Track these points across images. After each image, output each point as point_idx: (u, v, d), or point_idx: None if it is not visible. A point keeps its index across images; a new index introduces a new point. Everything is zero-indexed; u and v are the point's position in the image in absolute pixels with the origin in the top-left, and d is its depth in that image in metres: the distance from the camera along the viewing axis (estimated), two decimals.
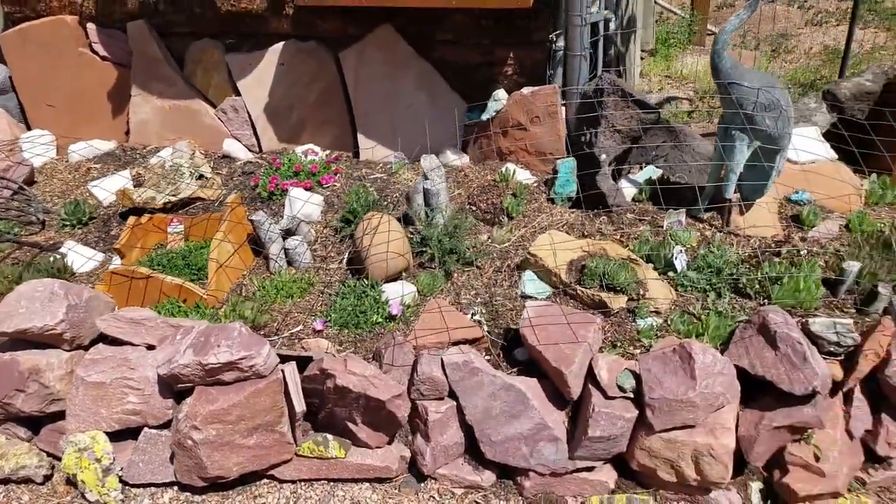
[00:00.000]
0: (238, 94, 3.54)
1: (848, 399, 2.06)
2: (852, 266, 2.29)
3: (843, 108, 3.04)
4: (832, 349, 2.08)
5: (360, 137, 3.40)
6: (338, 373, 1.98)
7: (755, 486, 2.07)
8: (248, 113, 3.56)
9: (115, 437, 2.21)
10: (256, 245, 2.73)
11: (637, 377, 1.98)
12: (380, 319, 2.36)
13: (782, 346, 1.94)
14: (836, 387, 2.06)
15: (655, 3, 6.29)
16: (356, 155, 3.45)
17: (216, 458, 1.99)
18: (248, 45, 3.46)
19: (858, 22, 6.15)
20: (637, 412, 1.96)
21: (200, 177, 3.23)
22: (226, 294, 2.55)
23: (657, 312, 2.30)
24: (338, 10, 3.16)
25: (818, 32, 6.11)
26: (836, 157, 2.95)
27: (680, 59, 5.63)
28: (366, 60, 3.26)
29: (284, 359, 2.12)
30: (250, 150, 3.61)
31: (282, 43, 3.36)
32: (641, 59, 5.41)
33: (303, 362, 2.11)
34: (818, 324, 2.08)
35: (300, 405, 2.05)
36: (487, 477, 2.13)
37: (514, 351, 2.24)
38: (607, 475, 2.08)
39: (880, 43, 5.57)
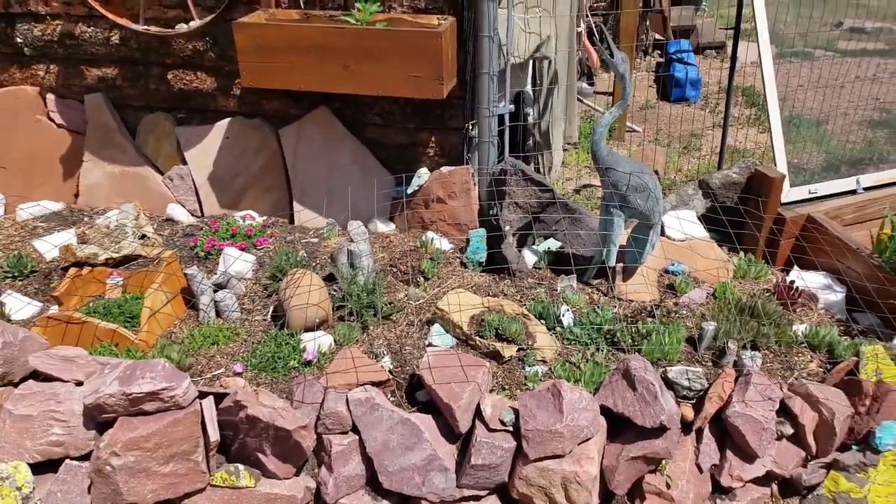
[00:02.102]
0: (185, 163, 3.85)
1: (698, 437, 2.38)
2: (709, 326, 2.66)
3: (715, 195, 3.51)
4: (686, 393, 2.41)
5: (296, 205, 3.72)
6: (250, 404, 2.21)
7: None
8: (194, 180, 3.86)
9: (39, 469, 2.34)
10: (189, 297, 2.97)
11: (517, 413, 2.26)
12: (296, 364, 2.60)
13: (639, 388, 2.26)
14: (688, 425, 2.38)
15: (580, 101, 6.96)
16: (292, 220, 3.76)
17: (133, 483, 2.16)
18: (197, 119, 3.80)
19: (758, 125, 6.90)
20: (515, 443, 2.24)
21: (143, 236, 3.48)
22: (157, 339, 2.77)
23: (544, 361, 2.61)
24: (280, 92, 3.55)
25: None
26: (710, 236, 3.40)
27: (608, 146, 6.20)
28: (304, 137, 3.63)
29: (204, 395, 2.33)
30: (193, 215, 3.88)
31: (228, 119, 3.72)
32: (565, 150, 5.96)
33: (220, 398, 2.33)
34: (674, 371, 2.43)
35: (215, 434, 2.25)
36: None
37: (416, 393, 2.51)
38: None
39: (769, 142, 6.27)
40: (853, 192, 3.65)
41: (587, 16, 8.52)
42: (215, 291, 2.95)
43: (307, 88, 3.19)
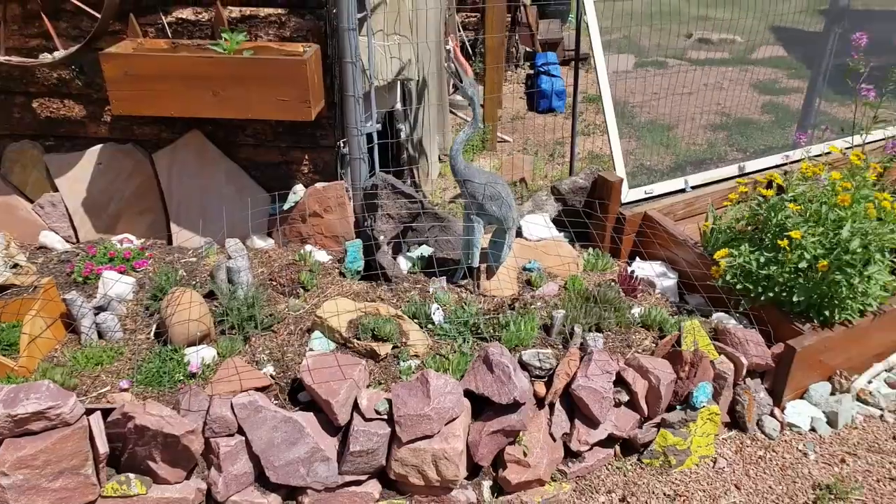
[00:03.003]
0: (56, 189, 3.84)
1: (551, 410, 2.74)
2: (559, 313, 3.04)
3: (565, 200, 3.95)
4: (538, 373, 2.76)
5: (174, 226, 3.81)
6: (137, 414, 2.33)
7: (486, 484, 2.65)
8: (66, 207, 3.85)
9: None
10: (69, 321, 3.02)
11: (390, 402, 2.52)
12: (181, 377, 2.74)
13: (496, 370, 2.59)
14: (541, 401, 2.73)
15: (454, 114, 7.36)
16: (170, 241, 3.84)
17: (23, 501, 2.23)
18: (67, 146, 3.81)
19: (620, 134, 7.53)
20: (390, 429, 2.49)
21: (15, 265, 3.46)
22: (38, 364, 2.81)
23: (416, 356, 2.89)
24: (152, 118, 3.64)
25: (587, 141, 7.40)
26: (562, 235, 3.83)
27: (477, 160, 6.62)
28: (178, 160, 3.73)
29: (91, 411, 2.43)
30: (68, 241, 3.88)
31: (100, 145, 3.75)
32: (441, 161, 6.31)
33: (108, 413, 2.43)
34: (527, 354, 2.78)
35: (104, 447, 2.35)
36: (273, 499, 2.53)
37: (298, 395, 2.71)
38: (373, 487, 2.56)
39: (631, 149, 6.92)
40: (683, 190, 4.19)
41: (459, 31, 8.97)
42: (96, 314, 3.01)
43: (178, 114, 3.31)
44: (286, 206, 3.71)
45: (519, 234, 3.78)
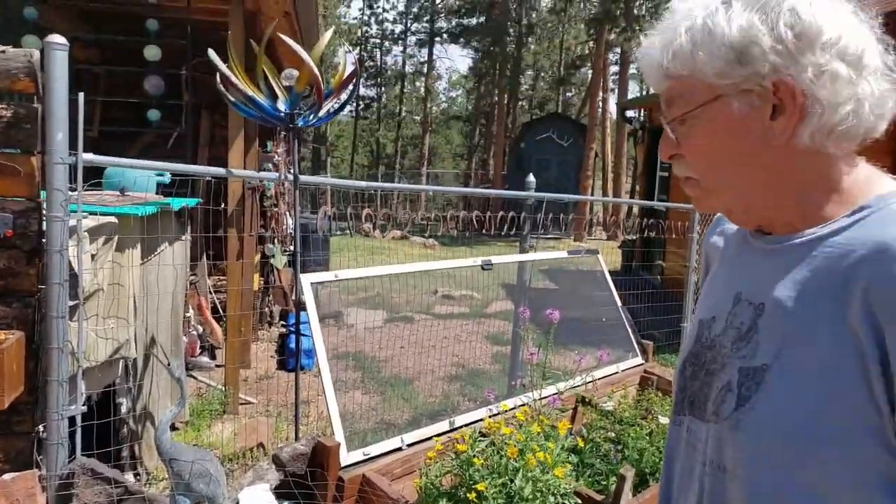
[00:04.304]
0: None
1: None
2: None
3: (286, 468, 4.06)
4: None
5: None
6: None
7: None
8: None
9: None
10: None
11: None
12: None
13: None
14: None
15: (194, 378, 7.30)
16: None
17: None
18: None
19: (362, 387, 7.94)
20: None
21: None
22: None
23: None
24: None
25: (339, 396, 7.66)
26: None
27: (216, 425, 6.50)
28: None
29: None
30: None
31: None
32: (175, 430, 6.11)
33: None
34: None
35: None
36: None
37: None
38: None
39: (374, 404, 7.31)
40: (400, 448, 4.53)
41: (211, 293, 9.21)
42: None
43: None
44: None
45: None
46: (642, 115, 16.79)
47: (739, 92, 1.09)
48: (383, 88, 45.42)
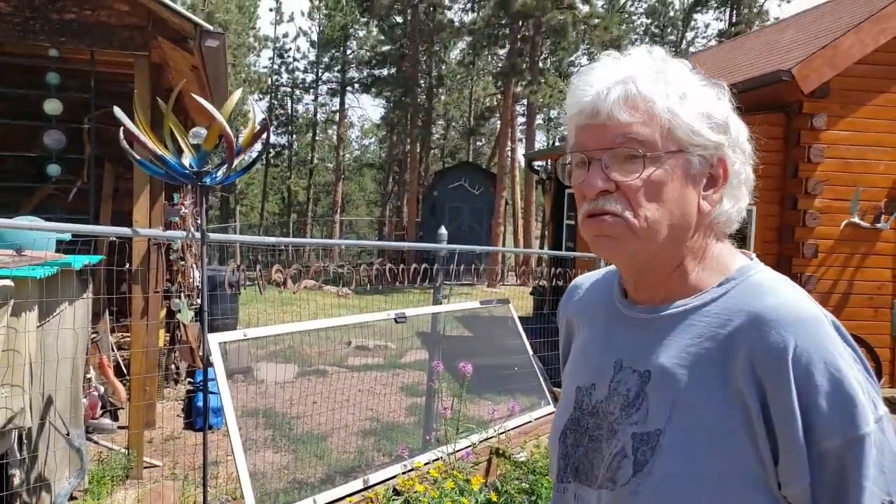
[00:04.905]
0: None
1: None
2: None
3: None
4: None
5: None
6: None
7: None
8: None
9: None
10: None
11: None
12: None
13: None
14: None
15: (96, 443, 6.91)
16: None
17: None
18: None
19: (273, 446, 7.77)
20: None
21: None
22: None
23: None
24: None
25: (253, 455, 7.44)
26: None
27: (118, 492, 6.15)
28: None
29: None
30: None
31: None
32: (75, 498, 5.76)
33: None
34: None
35: None
36: None
37: None
38: None
39: (286, 463, 7.13)
40: None
41: (113, 351, 8.80)
42: None
43: None
44: None
45: None
46: (549, 164, 17.56)
47: (697, 155, 1.15)
48: (294, 136, 45.17)
